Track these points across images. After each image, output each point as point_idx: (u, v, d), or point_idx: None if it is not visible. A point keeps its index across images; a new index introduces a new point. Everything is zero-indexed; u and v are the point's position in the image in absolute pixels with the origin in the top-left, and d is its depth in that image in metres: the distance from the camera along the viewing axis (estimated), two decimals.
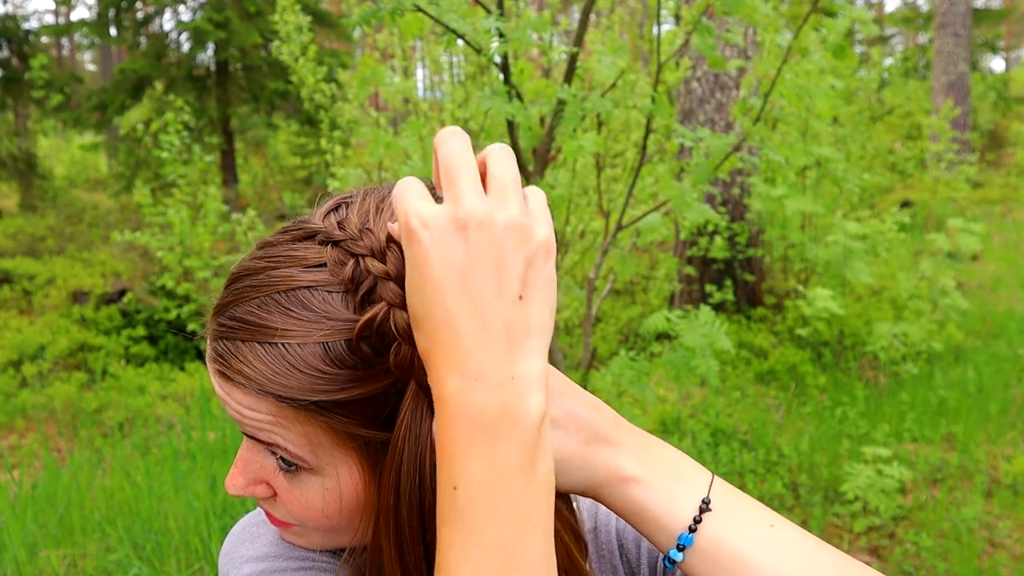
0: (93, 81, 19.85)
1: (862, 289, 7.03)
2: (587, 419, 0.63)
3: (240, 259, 0.68)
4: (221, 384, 0.64)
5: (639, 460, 0.63)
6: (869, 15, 2.99)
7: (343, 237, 0.62)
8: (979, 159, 14.49)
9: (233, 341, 0.63)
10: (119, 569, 3.22)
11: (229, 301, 0.65)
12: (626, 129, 6.16)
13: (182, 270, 6.78)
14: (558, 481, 0.61)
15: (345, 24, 2.36)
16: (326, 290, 0.61)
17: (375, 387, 0.60)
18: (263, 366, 0.61)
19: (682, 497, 0.63)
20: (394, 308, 0.58)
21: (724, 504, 0.63)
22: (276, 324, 0.61)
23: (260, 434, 0.64)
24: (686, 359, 2.80)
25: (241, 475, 0.68)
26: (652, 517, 0.62)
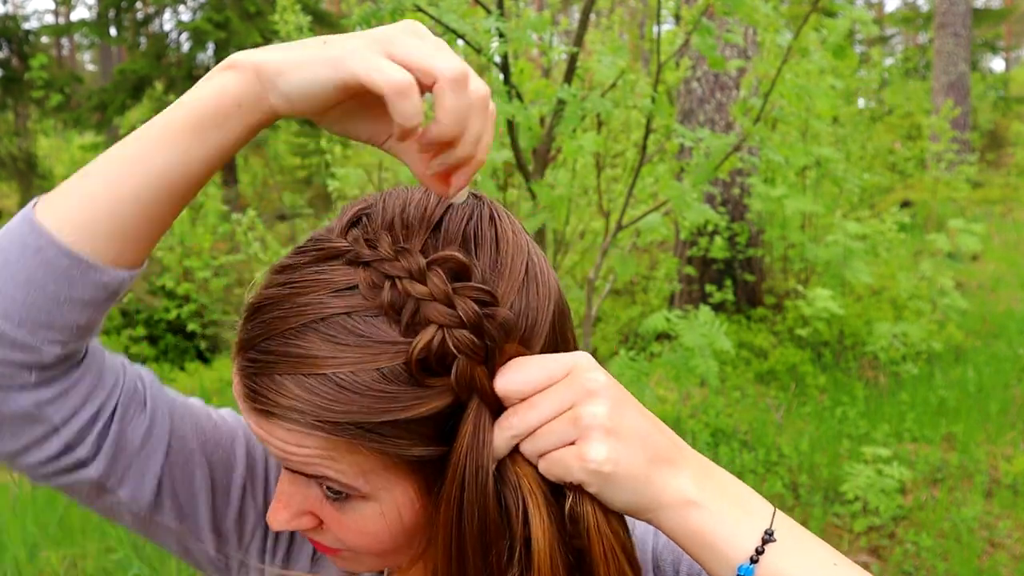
0: (93, 81, 19.85)
1: (862, 289, 7.03)
2: (652, 437, 0.61)
3: (256, 287, 0.63)
4: (260, 423, 0.60)
5: (700, 484, 0.61)
6: (869, 15, 2.99)
7: (373, 257, 0.59)
8: (979, 159, 14.49)
9: (271, 376, 0.59)
10: (119, 569, 3.22)
11: (257, 335, 0.60)
12: (626, 129, 6.16)
13: (182, 270, 6.79)
14: (617, 499, 0.60)
15: (345, 24, 2.36)
16: (364, 315, 0.58)
17: (437, 404, 0.59)
18: (314, 396, 0.57)
19: (744, 526, 0.60)
20: (448, 329, 0.57)
21: (787, 537, 0.60)
22: (321, 353, 0.57)
23: (307, 468, 0.61)
24: (686, 359, 2.80)
25: (285, 509, 0.65)
26: (711, 544, 0.59)
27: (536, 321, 0.62)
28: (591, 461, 0.58)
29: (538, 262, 0.65)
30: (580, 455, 0.58)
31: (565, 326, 0.66)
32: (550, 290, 0.64)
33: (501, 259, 0.62)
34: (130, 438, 0.71)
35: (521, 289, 0.62)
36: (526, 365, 0.60)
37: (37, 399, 0.64)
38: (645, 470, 0.59)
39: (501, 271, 0.61)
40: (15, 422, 0.65)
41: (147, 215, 0.63)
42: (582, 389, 0.59)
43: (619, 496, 0.59)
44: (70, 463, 0.68)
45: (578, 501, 0.60)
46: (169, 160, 0.61)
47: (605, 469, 0.58)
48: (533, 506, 0.59)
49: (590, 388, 0.59)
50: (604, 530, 0.60)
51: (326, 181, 6.08)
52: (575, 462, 0.58)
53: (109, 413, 0.69)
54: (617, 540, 0.61)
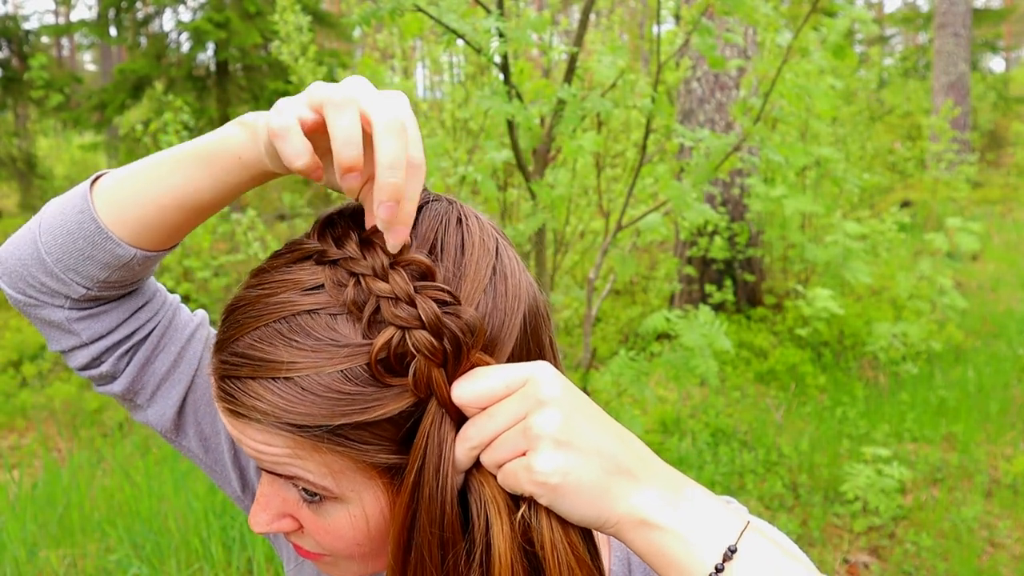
0: (93, 81, 19.85)
1: (862, 289, 7.03)
2: (610, 449, 0.59)
3: (233, 291, 0.67)
4: (233, 423, 0.62)
5: (664, 499, 0.59)
6: (869, 15, 2.99)
7: (340, 256, 0.60)
8: (979, 159, 14.49)
9: (239, 379, 0.60)
10: (119, 569, 3.22)
11: (229, 336, 0.62)
12: (626, 129, 6.16)
13: (182, 270, 6.78)
14: (571, 512, 0.58)
15: (345, 24, 2.37)
16: (328, 313, 0.59)
17: (397, 406, 0.59)
18: (276, 398, 0.59)
19: (707, 542, 0.58)
20: (408, 329, 0.57)
21: (751, 553, 0.58)
22: (282, 357, 0.59)
23: (279, 468, 0.62)
24: (686, 359, 2.80)
25: (264, 511, 0.66)
26: (670, 561, 0.58)
27: (503, 324, 0.62)
28: (537, 472, 0.57)
29: (508, 265, 0.64)
30: (527, 466, 0.58)
31: (540, 331, 0.66)
32: (520, 293, 0.64)
33: (466, 262, 0.62)
34: (156, 365, 0.84)
35: (487, 291, 0.61)
36: (485, 374, 0.60)
37: (68, 316, 0.79)
38: (601, 482, 0.58)
39: (465, 273, 0.61)
40: (52, 329, 0.81)
41: (164, 219, 0.74)
42: (534, 399, 0.58)
43: (571, 509, 0.58)
44: (96, 375, 0.83)
45: (532, 513, 0.59)
46: (180, 183, 0.72)
47: (552, 481, 0.57)
48: (495, 515, 0.59)
49: (541, 398, 0.58)
50: (558, 543, 0.59)
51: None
52: (524, 473, 0.58)
53: (140, 339, 0.83)
54: (573, 553, 0.59)
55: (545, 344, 0.67)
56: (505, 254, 0.65)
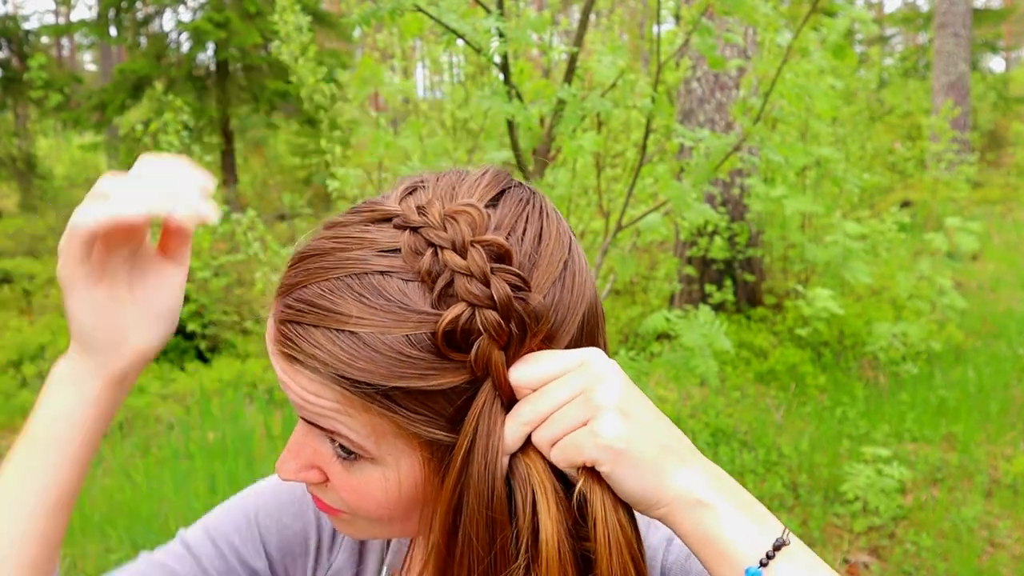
0: (93, 81, 19.84)
1: (862, 289, 7.03)
2: (664, 429, 0.61)
3: (305, 238, 0.66)
4: (285, 368, 0.62)
5: (711, 482, 0.61)
6: (869, 15, 2.99)
7: (421, 224, 0.60)
8: (979, 159, 14.48)
9: (302, 324, 0.60)
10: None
11: (297, 282, 0.62)
12: (626, 129, 6.16)
13: None
14: (628, 482, 0.59)
15: (345, 24, 2.37)
16: (401, 278, 0.59)
17: (452, 380, 0.59)
18: (337, 349, 0.59)
19: (755, 530, 0.59)
20: (477, 308, 0.58)
21: (798, 550, 0.60)
22: (350, 311, 0.59)
23: (322, 420, 0.62)
24: (686, 359, 2.80)
25: (294, 459, 0.66)
26: (720, 542, 0.59)
27: (565, 318, 0.63)
28: (603, 436, 0.58)
29: (578, 262, 0.65)
30: (593, 431, 0.59)
31: (595, 331, 0.67)
32: (585, 292, 0.65)
33: (541, 250, 0.63)
34: None
35: (556, 283, 0.62)
36: (541, 357, 0.61)
37: None
38: (656, 457, 0.59)
39: (539, 262, 0.62)
40: None
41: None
42: (594, 375, 0.60)
43: (630, 479, 0.59)
44: None
45: (588, 486, 0.60)
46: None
47: (618, 445, 0.58)
48: (542, 497, 0.59)
49: (600, 373, 0.60)
50: (611, 520, 0.60)
51: (326, 181, 6.08)
52: (587, 439, 0.59)
53: None
54: (623, 533, 0.60)
55: (599, 345, 0.68)
56: (576, 251, 0.66)
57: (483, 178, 0.65)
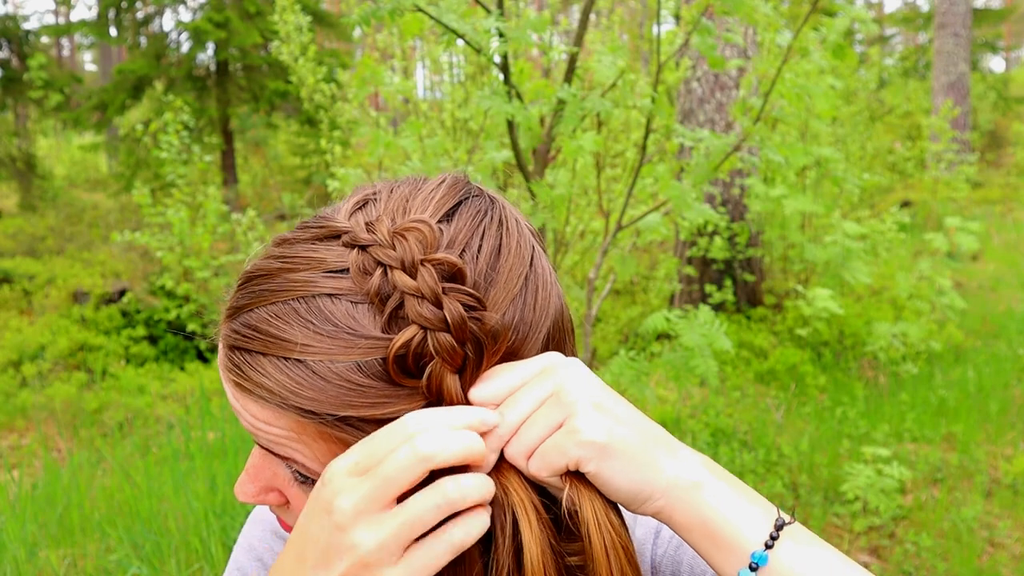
0: (93, 81, 19.85)
1: (862, 289, 7.03)
2: (644, 423, 0.59)
3: (253, 257, 0.63)
4: (236, 395, 0.60)
5: (706, 467, 0.59)
6: (869, 15, 2.99)
7: (370, 242, 0.57)
8: (979, 159, 14.49)
9: (250, 352, 0.58)
10: (119, 569, 3.22)
11: (243, 305, 0.59)
12: (626, 129, 6.16)
13: (182, 270, 6.79)
14: (617, 479, 0.56)
15: (345, 24, 2.36)
16: (349, 300, 0.56)
17: (407, 407, 0.56)
18: (285, 379, 0.56)
19: (754, 513, 0.57)
20: (429, 331, 0.55)
21: (800, 528, 0.58)
22: (296, 338, 0.56)
23: (276, 448, 0.60)
24: (686, 359, 2.80)
25: (252, 482, 0.64)
26: (720, 529, 0.57)
27: (528, 336, 0.60)
28: (583, 431, 0.55)
29: (541, 276, 0.62)
30: (571, 429, 0.56)
31: (562, 344, 0.64)
32: (549, 307, 0.62)
33: (500, 267, 0.59)
34: None
35: (515, 300, 0.59)
36: (498, 372, 0.58)
37: None
38: (642, 446, 0.57)
39: (496, 279, 0.59)
40: None
41: None
42: (560, 376, 0.58)
43: (620, 474, 0.56)
44: None
45: (575, 493, 0.57)
46: None
47: (600, 439, 0.55)
48: (523, 516, 0.56)
49: (568, 372, 0.58)
50: (604, 524, 0.57)
51: (326, 181, 6.08)
52: (567, 439, 0.56)
53: None
54: (619, 536, 0.58)
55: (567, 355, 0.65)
56: (539, 263, 0.63)
57: (438, 189, 0.62)
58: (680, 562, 0.74)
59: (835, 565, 0.57)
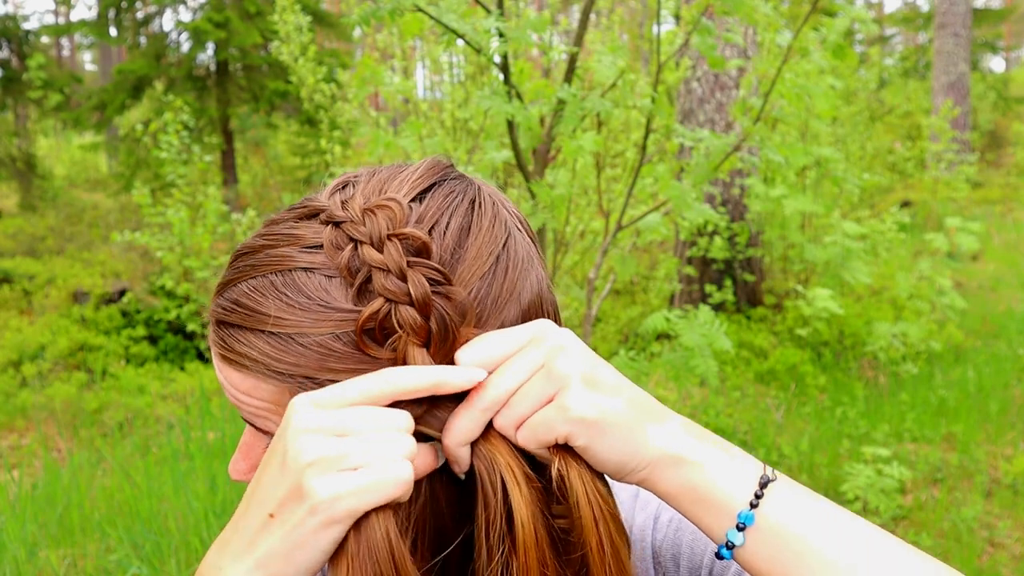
0: (93, 81, 19.85)
1: (862, 289, 7.03)
2: (632, 391, 0.59)
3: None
4: (221, 367, 0.63)
5: (691, 434, 0.59)
6: (869, 15, 2.99)
7: (344, 219, 0.60)
8: (979, 159, 14.49)
9: (231, 324, 0.61)
10: (119, 569, 3.22)
11: (228, 280, 0.63)
12: (626, 129, 6.16)
13: (182, 270, 6.79)
14: (606, 451, 0.57)
15: (345, 24, 2.37)
16: (323, 274, 0.59)
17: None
18: (266, 347, 0.59)
19: (739, 472, 0.58)
20: (395, 304, 0.57)
21: (786, 484, 0.58)
22: (270, 311, 0.59)
23: (257, 420, 0.62)
24: (686, 359, 2.80)
25: (244, 460, 0.66)
26: (708, 492, 0.58)
27: (495, 314, 0.61)
28: (573, 408, 0.56)
29: (514, 256, 0.63)
30: (562, 405, 0.56)
31: None
32: (522, 289, 0.62)
33: (468, 245, 0.61)
34: None
35: (484, 277, 0.60)
36: (488, 338, 0.59)
37: None
38: (629, 419, 0.58)
39: (463, 257, 0.60)
40: None
41: None
42: (551, 347, 0.58)
43: (608, 448, 0.57)
44: None
45: (564, 464, 0.57)
46: None
47: (590, 415, 0.56)
48: (512, 481, 0.57)
49: (558, 342, 0.58)
50: (592, 494, 0.58)
51: (326, 181, 6.06)
52: (558, 415, 0.56)
53: None
54: (606, 505, 0.58)
55: None
56: (515, 247, 0.63)
57: (416, 171, 0.64)
58: (680, 544, 0.74)
59: (826, 514, 0.58)
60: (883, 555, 0.57)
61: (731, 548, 0.58)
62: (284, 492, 0.53)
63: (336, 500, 0.52)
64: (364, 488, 0.53)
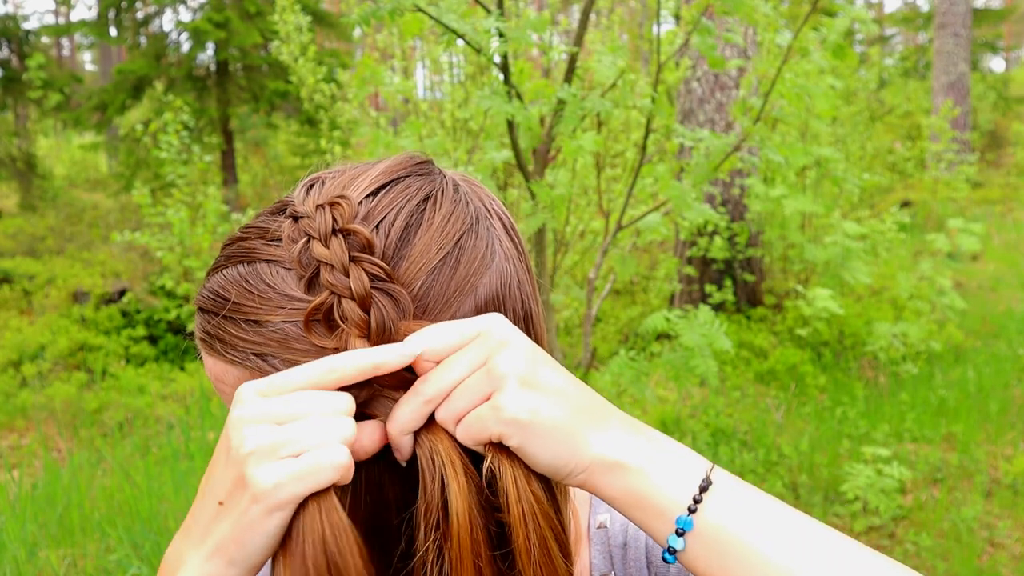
0: (93, 81, 19.85)
1: (862, 289, 7.03)
2: (574, 392, 0.59)
3: None
4: (201, 352, 0.66)
5: (631, 437, 0.59)
6: (869, 15, 2.99)
7: (303, 214, 0.62)
8: (979, 159, 14.49)
9: (206, 311, 0.65)
10: (119, 569, 3.22)
11: (210, 269, 0.67)
12: (626, 129, 6.16)
13: (182, 270, 6.79)
14: (541, 454, 0.57)
15: (345, 24, 2.37)
16: (281, 266, 0.62)
17: None
18: (227, 334, 0.62)
19: (678, 478, 0.58)
20: (339, 298, 0.58)
21: (726, 486, 0.58)
22: (236, 299, 0.62)
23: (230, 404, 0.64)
24: (686, 359, 2.80)
25: None
26: (646, 499, 0.57)
27: (449, 307, 0.62)
28: (506, 409, 0.56)
29: (470, 253, 0.63)
30: (495, 405, 0.56)
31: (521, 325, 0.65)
32: (475, 284, 0.63)
33: (415, 241, 0.62)
34: None
35: (432, 272, 0.61)
36: (436, 327, 0.59)
37: None
38: (569, 423, 0.57)
39: (408, 253, 0.62)
40: None
41: None
42: (495, 342, 0.58)
43: (543, 451, 0.57)
44: None
45: (497, 462, 0.57)
46: None
47: (522, 417, 0.56)
48: (451, 473, 0.57)
49: (502, 340, 0.58)
50: (524, 493, 0.57)
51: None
52: (490, 414, 0.57)
53: None
54: (538, 505, 0.58)
55: (533, 338, 0.66)
56: (471, 243, 0.64)
57: (381, 167, 0.66)
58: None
59: (768, 514, 0.58)
60: (827, 554, 0.56)
61: (673, 553, 0.58)
62: (230, 481, 0.55)
63: (277, 488, 0.53)
64: (301, 473, 0.54)
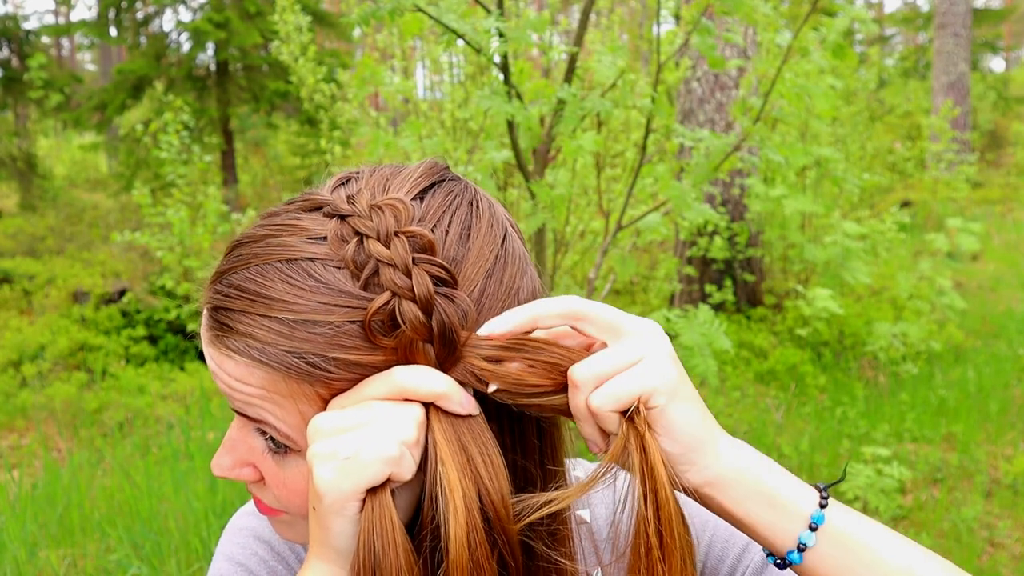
0: (93, 81, 19.85)
1: (862, 289, 7.03)
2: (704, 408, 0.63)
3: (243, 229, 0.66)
4: (213, 355, 0.62)
5: (748, 449, 0.63)
6: (869, 15, 2.99)
7: (349, 212, 0.61)
8: (979, 159, 14.49)
9: (231, 310, 0.61)
10: (119, 569, 3.22)
11: (227, 268, 0.63)
12: (626, 129, 6.16)
13: (182, 270, 6.78)
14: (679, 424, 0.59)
15: (345, 24, 2.37)
16: (326, 265, 0.60)
17: (378, 359, 0.59)
18: (267, 331, 0.59)
19: (797, 481, 0.62)
20: (400, 299, 0.58)
21: (840, 507, 0.63)
22: (278, 295, 0.59)
23: (249, 409, 0.62)
24: (685, 359, 2.80)
25: (228, 455, 0.66)
26: (778, 497, 0.60)
27: (501, 309, 0.62)
28: (658, 368, 0.59)
29: (512, 254, 0.65)
30: (646, 367, 0.59)
31: None
32: (524, 284, 0.64)
33: (470, 244, 0.62)
34: None
35: (487, 276, 0.62)
36: (602, 356, 0.61)
37: None
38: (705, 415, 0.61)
39: (467, 256, 0.62)
40: None
41: None
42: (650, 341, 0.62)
43: (683, 418, 0.59)
44: None
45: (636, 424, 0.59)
46: None
47: (675, 375, 0.60)
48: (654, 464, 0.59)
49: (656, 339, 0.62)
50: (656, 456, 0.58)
51: (325, 180, 6.06)
52: (642, 370, 0.59)
53: None
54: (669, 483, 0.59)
55: None
56: (511, 245, 0.65)
57: (416, 171, 0.65)
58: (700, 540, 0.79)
59: (880, 530, 0.62)
60: (930, 556, 0.61)
61: (802, 550, 0.60)
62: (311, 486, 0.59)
63: (331, 485, 0.56)
64: (348, 469, 0.56)
